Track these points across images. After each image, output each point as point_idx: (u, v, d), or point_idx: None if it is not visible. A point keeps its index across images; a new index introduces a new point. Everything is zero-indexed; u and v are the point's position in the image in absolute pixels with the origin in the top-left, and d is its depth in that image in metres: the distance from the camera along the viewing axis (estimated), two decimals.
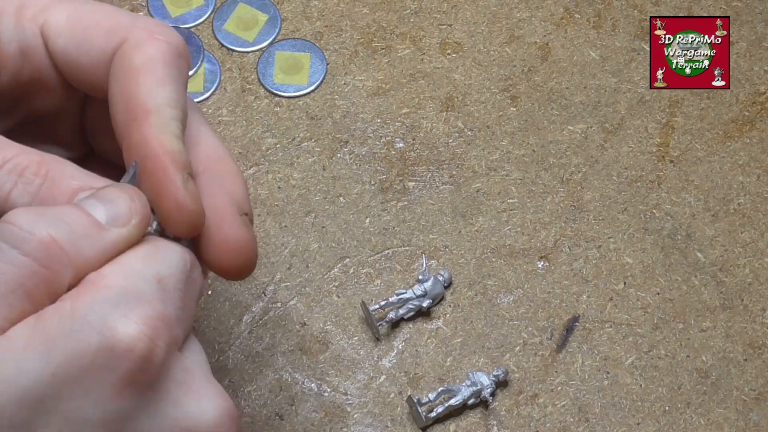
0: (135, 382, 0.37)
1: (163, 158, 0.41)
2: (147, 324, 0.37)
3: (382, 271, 0.60)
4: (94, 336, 0.36)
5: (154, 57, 0.42)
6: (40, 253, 0.37)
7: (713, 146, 0.64)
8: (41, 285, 0.37)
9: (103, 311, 0.37)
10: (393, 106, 0.64)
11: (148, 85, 0.41)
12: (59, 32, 0.43)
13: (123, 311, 0.37)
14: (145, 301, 0.38)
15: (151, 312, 0.37)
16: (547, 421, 0.56)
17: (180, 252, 0.40)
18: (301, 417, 0.56)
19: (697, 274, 0.60)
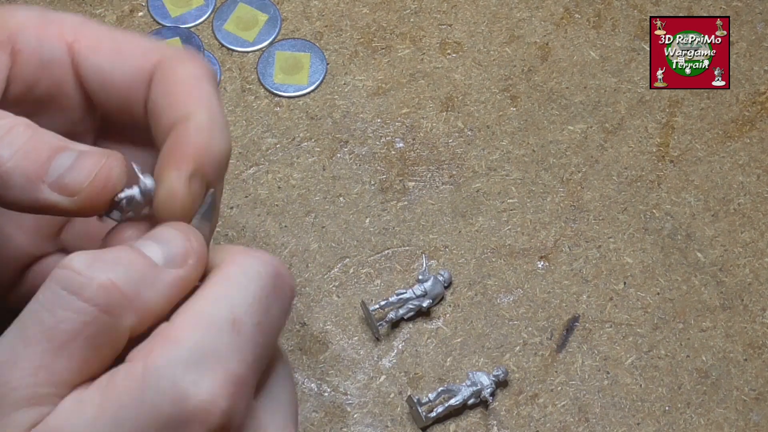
0: None
1: (188, 147, 0.40)
2: (223, 392, 0.35)
3: (382, 271, 0.60)
4: (166, 404, 0.35)
5: (198, 73, 0.42)
6: (100, 298, 0.36)
7: (713, 146, 0.64)
8: (103, 332, 0.36)
9: (175, 375, 0.35)
10: (393, 106, 0.64)
11: (200, 90, 0.41)
12: (94, 50, 0.43)
13: (196, 375, 0.35)
14: (220, 360, 0.36)
15: (226, 375, 0.36)
16: (547, 421, 0.56)
17: (256, 275, 0.38)
18: (301, 417, 0.56)
19: (697, 274, 0.60)
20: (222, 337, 0.36)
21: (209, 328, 0.36)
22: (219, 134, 0.41)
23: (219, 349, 0.36)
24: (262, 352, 0.37)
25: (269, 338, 0.38)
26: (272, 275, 0.38)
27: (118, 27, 0.45)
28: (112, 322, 0.36)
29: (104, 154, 0.40)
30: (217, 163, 0.41)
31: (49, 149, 0.39)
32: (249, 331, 0.37)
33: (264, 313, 0.37)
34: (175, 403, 0.35)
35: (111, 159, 0.40)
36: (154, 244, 0.38)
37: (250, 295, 0.37)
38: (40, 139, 0.39)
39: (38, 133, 0.40)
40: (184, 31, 0.66)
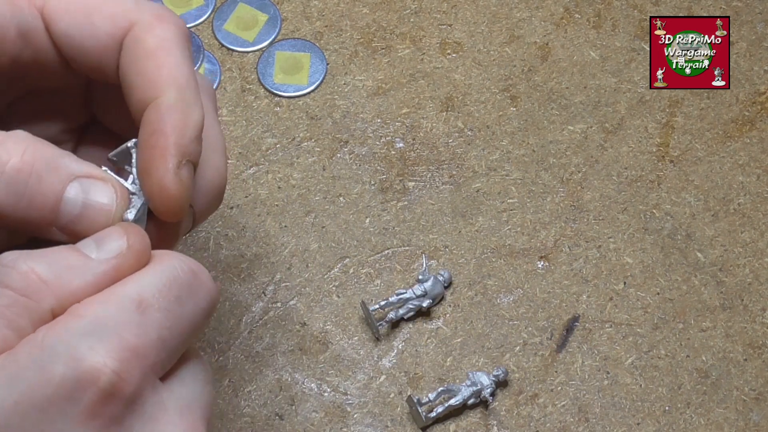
0: (97, 415, 0.36)
1: (168, 137, 0.40)
2: (114, 356, 0.37)
3: (382, 271, 0.60)
4: (59, 366, 0.36)
5: (168, 38, 0.42)
6: (18, 283, 0.38)
7: (713, 146, 0.64)
8: (22, 313, 0.38)
9: (71, 341, 0.37)
10: (393, 106, 0.64)
11: (168, 65, 0.41)
12: (60, 16, 0.43)
13: (91, 342, 0.37)
14: (117, 331, 0.37)
15: (121, 343, 0.37)
16: (547, 421, 0.56)
17: (169, 266, 0.40)
18: (301, 417, 0.56)
19: (697, 274, 0.60)
20: (124, 313, 0.38)
21: (113, 304, 0.38)
22: (191, 108, 0.42)
23: (118, 322, 0.37)
24: (168, 336, 0.38)
25: (178, 327, 0.39)
26: (188, 272, 0.40)
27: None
28: (31, 304, 0.38)
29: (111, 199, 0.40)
30: (195, 136, 0.42)
31: (54, 195, 0.40)
32: (154, 313, 0.38)
33: (173, 301, 0.39)
34: (67, 365, 0.36)
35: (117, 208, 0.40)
36: (92, 242, 0.40)
37: (161, 282, 0.39)
38: (42, 185, 0.40)
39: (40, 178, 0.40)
40: None
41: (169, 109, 0.41)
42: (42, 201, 0.40)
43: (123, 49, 0.42)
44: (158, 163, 0.40)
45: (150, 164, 0.41)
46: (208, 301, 0.40)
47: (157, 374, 0.39)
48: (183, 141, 0.41)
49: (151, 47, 0.42)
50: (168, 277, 0.39)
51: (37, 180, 0.40)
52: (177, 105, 0.41)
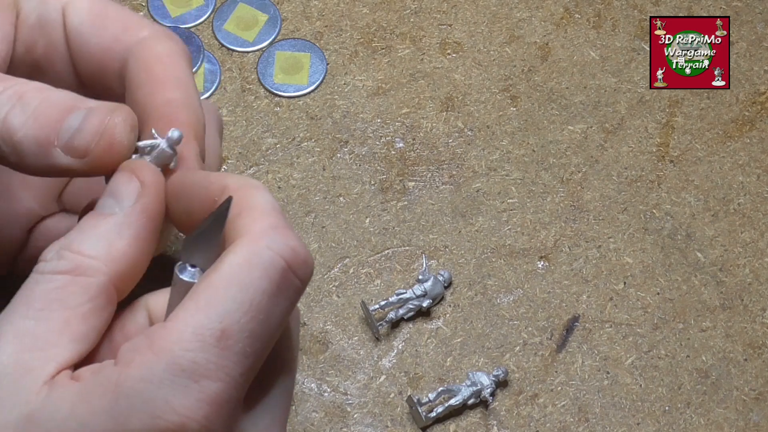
0: None
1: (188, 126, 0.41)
2: (199, 408, 0.35)
3: (382, 271, 0.60)
4: (136, 420, 0.35)
5: (175, 50, 0.43)
6: (68, 266, 0.38)
7: (713, 146, 0.64)
8: (78, 291, 0.38)
9: (148, 390, 0.35)
10: (393, 106, 0.64)
11: (176, 70, 0.43)
12: (77, 11, 0.44)
13: (170, 391, 0.35)
14: (200, 376, 0.35)
15: (204, 392, 0.35)
16: (547, 421, 0.56)
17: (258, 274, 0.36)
18: (301, 417, 0.56)
19: (697, 274, 0.60)
20: (205, 351, 0.35)
21: (193, 340, 0.35)
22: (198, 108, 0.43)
23: (200, 365, 0.35)
24: (252, 363, 0.36)
25: (264, 344, 0.36)
26: (281, 270, 0.36)
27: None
28: (84, 280, 0.38)
29: (109, 110, 0.41)
30: (202, 132, 0.43)
31: (59, 111, 0.40)
32: (238, 344, 0.35)
33: (261, 320, 0.36)
34: (144, 420, 0.35)
35: (115, 114, 0.40)
36: (108, 199, 0.40)
37: (248, 301, 0.36)
38: (49, 103, 0.40)
39: (48, 96, 0.41)
40: (184, 31, 0.66)
41: (181, 104, 0.42)
42: (46, 119, 0.40)
43: (131, 55, 0.43)
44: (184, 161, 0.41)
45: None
46: (300, 291, 0.38)
47: (241, 403, 0.37)
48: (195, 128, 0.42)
49: (160, 54, 0.43)
50: (257, 291, 0.36)
51: (46, 104, 0.40)
52: (187, 101, 0.42)
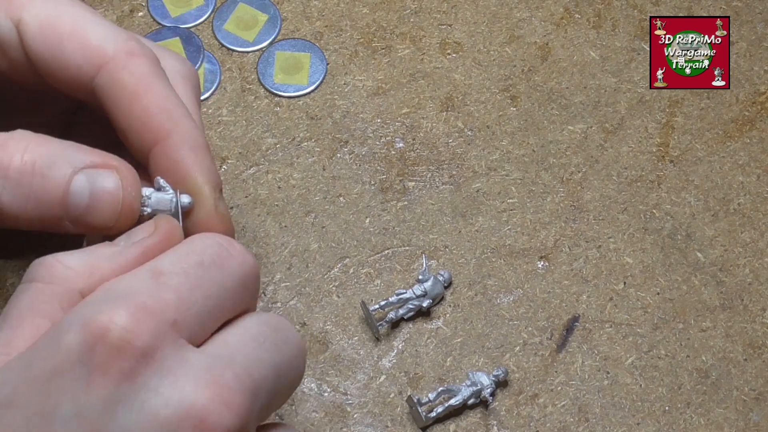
0: (108, 371, 0.36)
1: (194, 180, 0.42)
2: (123, 314, 0.36)
3: (382, 271, 0.60)
4: (70, 334, 0.36)
5: (143, 73, 0.42)
6: (43, 274, 0.39)
7: (713, 146, 0.64)
8: (50, 300, 0.38)
9: (82, 312, 0.37)
10: (393, 106, 0.64)
11: (155, 104, 0.42)
12: (33, 35, 0.43)
13: (99, 308, 0.37)
14: (129, 294, 0.37)
15: (131, 304, 0.37)
16: (547, 421, 0.56)
17: (192, 242, 0.40)
18: (301, 417, 0.56)
19: (697, 274, 0.60)
20: (138, 281, 0.38)
21: (128, 276, 0.38)
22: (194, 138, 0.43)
23: (132, 289, 0.38)
24: (189, 297, 0.38)
25: (202, 290, 0.39)
26: (213, 244, 0.40)
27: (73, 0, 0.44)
28: (57, 289, 0.38)
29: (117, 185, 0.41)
30: (211, 164, 0.43)
31: (58, 189, 0.40)
32: (171, 278, 0.38)
33: (193, 265, 0.39)
34: (76, 331, 0.36)
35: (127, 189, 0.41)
36: (124, 236, 0.41)
37: (179, 253, 0.39)
38: (44, 181, 0.40)
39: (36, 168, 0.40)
40: (184, 31, 0.66)
41: (180, 155, 0.42)
42: (49, 198, 0.40)
43: (100, 89, 0.43)
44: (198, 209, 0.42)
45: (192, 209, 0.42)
46: (242, 271, 0.40)
47: (182, 334, 0.38)
48: (208, 177, 0.42)
49: (131, 88, 0.42)
50: (188, 249, 0.39)
51: (41, 178, 0.40)
52: (183, 146, 0.42)
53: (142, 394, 0.37)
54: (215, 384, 0.37)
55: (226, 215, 0.43)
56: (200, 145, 0.42)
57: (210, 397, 0.37)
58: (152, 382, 0.37)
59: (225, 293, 0.40)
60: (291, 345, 0.41)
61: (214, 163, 0.43)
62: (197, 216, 0.42)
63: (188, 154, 0.42)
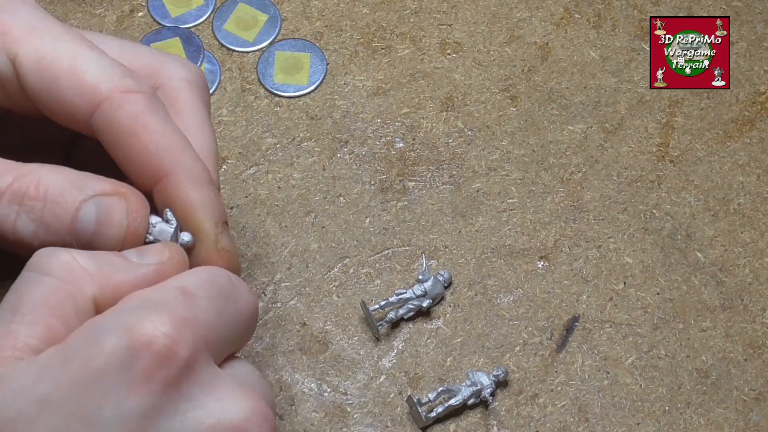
0: (153, 379, 0.37)
1: (195, 217, 0.42)
2: (167, 322, 0.37)
3: (382, 271, 0.60)
4: (110, 338, 0.37)
5: (139, 111, 0.43)
6: (59, 271, 0.38)
7: (713, 146, 0.64)
8: (65, 301, 0.38)
9: (121, 317, 0.37)
10: (393, 106, 0.64)
11: (154, 142, 0.42)
12: (30, 72, 0.43)
13: (141, 314, 0.37)
14: (167, 306, 0.38)
15: (171, 314, 0.38)
16: (547, 421, 0.56)
17: (209, 271, 0.41)
18: (301, 417, 0.56)
19: (697, 274, 0.60)
20: (171, 295, 0.39)
21: (160, 289, 0.39)
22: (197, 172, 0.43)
23: (166, 301, 0.38)
24: (215, 324, 0.39)
25: (223, 321, 0.40)
26: (227, 279, 0.41)
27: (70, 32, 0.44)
28: (72, 290, 0.38)
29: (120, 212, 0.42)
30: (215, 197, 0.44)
31: (67, 213, 0.41)
32: (199, 300, 0.39)
33: (216, 296, 0.40)
34: (119, 336, 0.37)
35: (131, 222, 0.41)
36: (133, 252, 0.41)
37: (203, 279, 0.40)
38: (55, 205, 0.41)
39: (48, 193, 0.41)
40: (184, 31, 0.66)
41: (181, 193, 0.42)
42: (59, 224, 0.41)
43: (97, 128, 0.43)
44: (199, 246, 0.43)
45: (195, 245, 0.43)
46: (248, 311, 0.41)
47: (211, 353, 0.39)
48: (210, 213, 0.43)
49: (127, 128, 0.42)
50: (209, 278, 0.40)
51: (52, 205, 0.41)
52: (183, 183, 0.43)
53: (184, 404, 0.37)
54: (253, 399, 0.39)
55: (230, 251, 0.43)
56: (201, 179, 0.43)
57: (251, 411, 0.38)
58: (194, 393, 0.38)
59: (237, 327, 0.41)
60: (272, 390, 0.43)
61: (217, 195, 0.43)
62: (199, 252, 0.43)
63: (189, 191, 0.42)
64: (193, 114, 0.45)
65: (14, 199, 0.41)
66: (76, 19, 0.66)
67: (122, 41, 0.46)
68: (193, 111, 0.45)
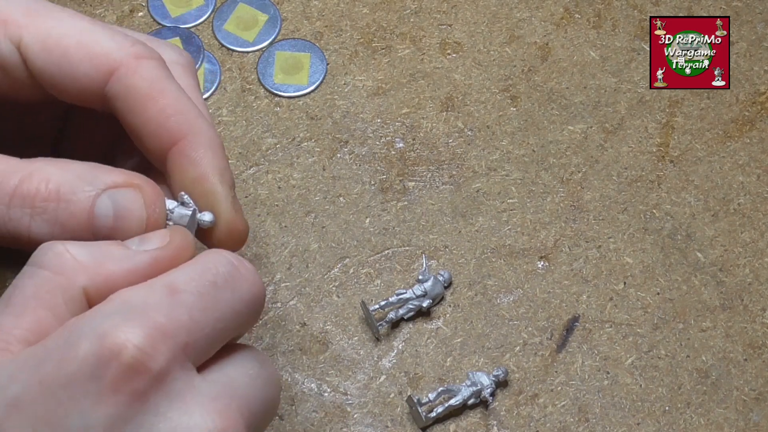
0: (120, 390, 0.36)
1: (211, 180, 0.42)
2: (139, 333, 0.37)
3: (382, 271, 0.60)
4: (84, 344, 0.36)
5: (155, 76, 0.43)
6: (52, 262, 0.38)
7: (713, 146, 0.64)
8: (56, 292, 0.38)
9: (97, 322, 0.37)
10: (393, 106, 0.64)
11: (170, 106, 0.42)
12: (36, 54, 0.43)
13: (116, 321, 0.37)
14: (145, 311, 0.37)
15: (147, 322, 0.37)
16: (547, 421, 0.56)
17: (206, 259, 0.40)
18: (301, 417, 0.56)
19: (697, 274, 0.60)
20: (154, 296, 0.38)
21: (144, 289, 0.38)
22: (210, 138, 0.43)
23: (147, 304, 0.38)
24: (202, 319, 0.38)
25: (214, 312, 0.39)
26: (226, 263, 0.40)
27: (68, 10, 0.44)
28: (64, 282, 0.38)
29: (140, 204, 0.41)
30: (227, 164, 0.43)
31: (82, 212, 0.41)
32: (186, 296, 0.38)
33: (208, 285, 0.39)
34: (91, 342, 0.36)
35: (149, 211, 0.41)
36: (137, 239, 0.41)
37: (194, 271, 0.39)
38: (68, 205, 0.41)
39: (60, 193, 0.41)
40: (184, 31, 0.66)
41: (198, 155, 0.42)
42: (75, 222, 0.41)
43: (112, 96, 0.43)
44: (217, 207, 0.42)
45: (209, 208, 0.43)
46: (251, 294, 0.41)
47: (190, 358, 0.38)
48: (224, 177, 0.43)
49: (144, 92, 0.42)
50: (203, 267, 0.40)
51: (66, 204, 0.40)
52: (200, 146, 0.43)
53: (150, 417, 0.37)
54: (223, 414, 0.38)
55: (240, 213, 0.43)
56: (216, 144, 0.43)
57: (218, 428, 0.38)
58: (162, 406, 0.37)
59: (234, 316, 0.40)
60: (274, 382, 0.42)
61: (228, 162, 0.43)
62: (218, 215, 0.43)
63: (205, 154, 0.42)
64: (191, 93, 0.45)
65: (25, 202, 0.40)
66: None
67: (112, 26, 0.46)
68: (191, 90, 0.45)
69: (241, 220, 0.43)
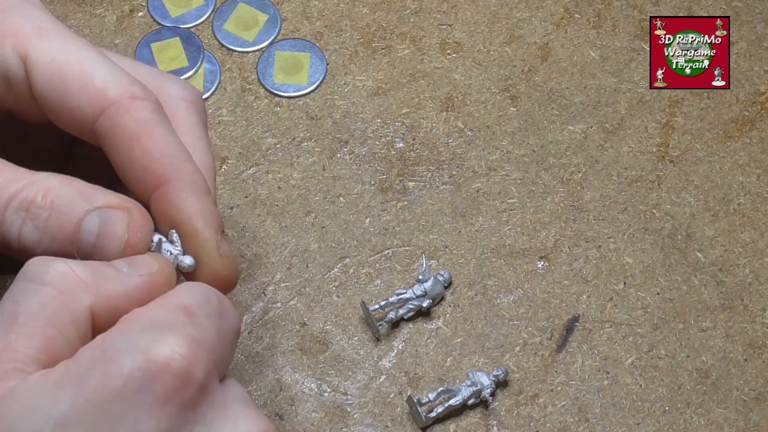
0: (171, 401, 0.37)
1: (194, 225, 0.42)
2: (181, 345, 0.37)
3: (382, 271, 0.60)
4: (126, 360, 0.37)
5: (145, 118, 0.43)
6: (57, 280, 0.38)
7: (713, 146, 0.64)
8: (63, 311, 0.38)
9: (133, 339, 0.37)
10: (393, 106, 0.64)
11: (155, 148, 0.43)
12: (39, 74, 0.43)
13: (155, 336, 0.37)
14: (177, 327, 0.38)
15: (184, 335, 0.38)
16: (547, 421, 0.56)
17: (201, 288, 0.41)
18: (301, 417, 0.56)
19: (697, 274, 0.60)
20: (176, 316, 0.39)
21: (163, 309, 0.39)
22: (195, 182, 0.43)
23: (175, 322, 0.38)
24: (218, 342, 0.39)
25: (223, 338, 0.40)
26: (215, 296, 0.41)
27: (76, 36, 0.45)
28: (69, 300, 0.38)
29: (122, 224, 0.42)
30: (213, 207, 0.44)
31: (71, 222, 0.41)
32: (200, 320, 0.39)
33: (213, 314, 0.40)
34: (134, 357, 0.37)
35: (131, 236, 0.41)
36: (123, 262, 0.41)
37: (199, 296, 0.40)
38: (59, 214, 0.41)
39: (54, 203, 0.41)
40: (184, 31, 0.66)
41: (181, 200, 0.43)
42: (62, 234, 0.41)
43: (101, 132, 0.43)
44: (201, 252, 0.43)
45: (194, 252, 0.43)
46: (236, 327, 0.42)
47: (218, 371, 0.39)
48: (209, 221, 0.43)
49: (132, 132, 0.43)
50: (204, 295, 0.40)
51: (58, 214, 0.41)
52: (184, 191, 0.43)
53: (199, 426, 0.38)
54: (260, 418, 0.39)
55: (230, 257, 0.43)
56: (201, 188, 0.43)
57: (262, 430, 0.39)
58: (209, 416, 0.38)
59: (230, 344, 0.41)
60: None
61: (215, 206, 0.44)
62: (202, 260, 0.43)
63: (189, 199, 0.42)
64: (192, 131, 0.45)
65: (21, 207, 0.41)
66: (76, 19, 0.66)
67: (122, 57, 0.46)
68: (192, 128, 0.46)
69: (227, 266, 0.43)
